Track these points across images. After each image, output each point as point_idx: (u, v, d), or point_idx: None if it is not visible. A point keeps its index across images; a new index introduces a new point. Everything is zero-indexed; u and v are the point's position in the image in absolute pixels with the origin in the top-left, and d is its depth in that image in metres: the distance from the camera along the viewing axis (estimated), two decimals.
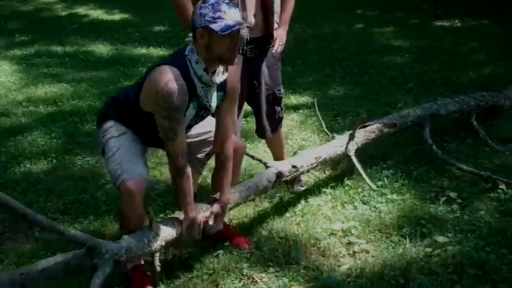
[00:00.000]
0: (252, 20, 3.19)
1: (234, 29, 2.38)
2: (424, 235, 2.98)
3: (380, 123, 3.77)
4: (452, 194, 3.39)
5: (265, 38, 3.32)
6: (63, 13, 10.18)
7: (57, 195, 3.62)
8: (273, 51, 3.36)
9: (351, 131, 3.53)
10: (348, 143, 3.48)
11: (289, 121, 4.67)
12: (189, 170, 2.55)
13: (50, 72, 6.45)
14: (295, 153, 3.58)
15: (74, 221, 3.29)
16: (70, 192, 3.63)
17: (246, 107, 3.59)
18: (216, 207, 2.71)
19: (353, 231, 3.06)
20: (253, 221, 3.23)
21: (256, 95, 3.43)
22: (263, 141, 3.82)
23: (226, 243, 2.97)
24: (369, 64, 6.43)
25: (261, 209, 3.37)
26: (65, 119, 4.95)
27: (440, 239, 2.93)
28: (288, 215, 3.28)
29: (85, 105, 5.27)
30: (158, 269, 2.51)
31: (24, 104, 5.33)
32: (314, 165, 3.35)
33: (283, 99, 3.58)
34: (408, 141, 4.15)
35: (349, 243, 2.96)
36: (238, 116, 3.38)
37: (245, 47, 3.24)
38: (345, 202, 3.37)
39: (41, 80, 6.09)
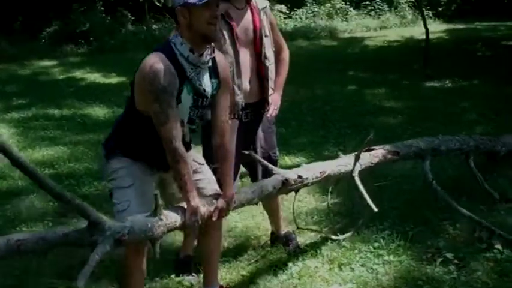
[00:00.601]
0: (247, 86, 3.28)
1: None
2: None
3: (384, 150, 3.80)
4: (449, 255, 3.39)
5: (260, 102, 3.40)
6: (61, 77, 10.36)
7: (52, 260, 3.59)
8: (268, 115, 3.43)
9: (356, 152, 3.51)
10: (354, 164, 3.47)
11: None
12: (185, 154, 2.52)
13: (47, 135, 6.52)
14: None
15: (69, 286, 3.26)
16: (64, 256, 3.61)
17: (242, 169, 3.64)
18: (221, 202, 2.67)
19: None
20: (248, 283, 3.21)
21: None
22: (259, 203, 3.84)
23: None
24: (362, 125, 6.53)
25: (256, 270, 3.36)
26: (61, 181, 4.96)
27: None
28: (284, 277, 3.27)
29: (82, 168, 5.31)
30: (158, 256, 2.45)
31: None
32: (318, 179, 3.32)
33: (278, 161, 3.63)
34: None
35: None
36: (235, 178, 3.41)
37: (240, 112, 3.31)
38: (342, 264, 3.36)
39: (38, 143, 6.15)
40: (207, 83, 2.62)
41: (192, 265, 3.36)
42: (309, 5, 16.95)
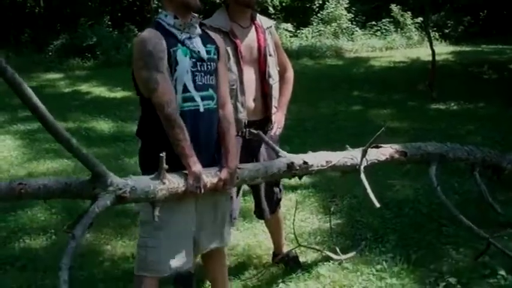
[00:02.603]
0: (251, 104, 3.29)
1: None
2: None
3: (392, 148, 3.74)
4: (452, 280, 3.36)
5: (264, 120, 3.40)
6: (67, 90, 10.41)
7: (55, 272, 3.57)
8: (272, 134, 3.43)
9: (364, 147, 3.46)
10: (362, 158, 3.41)
11: (288, 201, 4.69)
12: (180, 120, 2.47)
13: (52, 147, 6.52)
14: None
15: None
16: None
17: (245, 187, 3.63)
18: (224, 173, 2.61)
19: None
20: None
21: None
22: (261, 221, 3.83)
23: None
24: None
25: None
26: None
27: None
28: None
29: None
30: (156, 219, 2.41)
31: (26, 179, 5.35)
32: (324, 167, 3.26)
33: (281, 180, 3.62)
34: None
35: None
36: (237, 195, 3.41)
37: (244, 130, 3.31)
38: (344, 286, 3.34)
39: (43, 155, 6.16)
40: (201, 47, 2.62)
41: (193, 282, 3.33)
42: (315, 24, 17.05)
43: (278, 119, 3.47)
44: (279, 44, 3.51)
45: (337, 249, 3.72)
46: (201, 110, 2.58)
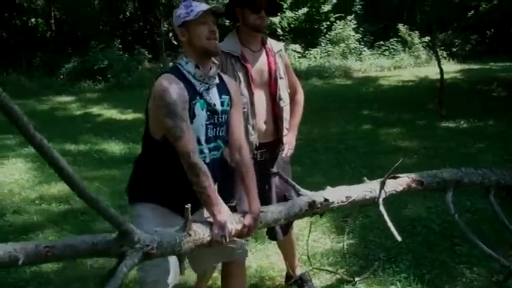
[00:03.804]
0: (262, 126, 3.31)
1: (205, 9, 2.52)
2: None
3: (409, 178, 3.76)
4: None
5: (275, 142, 3.42)
6: (78, 112, 10.49)
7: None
8: (283, 155, 3.45)
9: (381, 179, 3.46)
10: (380, 190, 3.41)
11: (300, 222, 4.67)
12: (205, 167, 2.48)
13: None
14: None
15: None
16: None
17: None
18: (248, 219, 2.60)
19: None
20: None
21: (267, 198, 3.47)
22: (274, 242, 3.82)
23: None
24: (376, 165, 6.51)
25: None
26: (76, 217, 4.99)
27: None
28: None
29: None
30: (184, 272, 2.41)
31: (37, 201, 5.40)
32: (344, 203, 3.26)
33: None
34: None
35: None
36: None
37: (255, 152, 3.32)
38: None
39: (54, 178, 6.17)
40: (216, 98, 2.64)
41: None
42: (323, 44, 17.15)
43: (289, 141, 3.48)
44: (289, 65, 3.54)
45: (351, 272, 3.70)
46: (207, 161, 2.62)
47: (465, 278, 3.65)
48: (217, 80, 2.66)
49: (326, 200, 3.15)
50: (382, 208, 3.38)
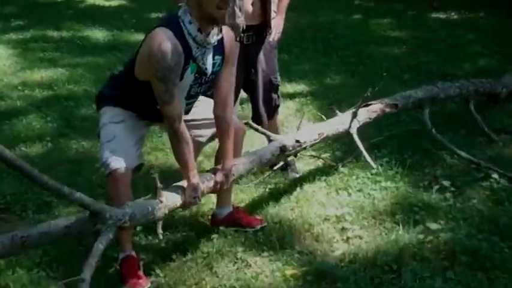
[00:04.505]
0: (249, 8, 3.21)
1: None
2: (417, 222, 3.01)
3: (382, 103, 3.77)
4: (446, 183, 3.41)
5: (262, 25, 3.34)
6: None
7: (52, 178, 3.60)
8: (270, 39, 3.38)
9: (353, 109, 3.50)
10: (351, 121, 3.46)
11: (285, 109, 4.69)
12: (187, 134, 2.52)
13: (46, 57, 6.45)
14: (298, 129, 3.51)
15: (68, 204, 3.28)
16: (65, 175, 3.63)
17: (242, 94, 3.61)
18: (219, 176, 2.68)
19: (347, 217, 3.07)
20: (248, 207, 3.25)
21: (253, 82, 3.45)
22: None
23: (221, 228, 2.98)
24: (365, 54, 6.45)
25: (256, 195, 3.39)
26: (60, 103, 4.95)
27: (433, 226, 2.95)
28: (282, 201, 3.30)
29: (80, 90, 5.28)
30: (161, 237, 2.49)
31: (19, 87, 5.33)
32: (317, 141, 3.32)
33: (279, 86, 3.60)
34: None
35: (343, 229, 2.98)
36: (234, 103, 3.39)
37: (242, 35, 3.25)
38: (339, 189, 3.39)
39: (37, 65, 6.08)
40: (209, 63, 2.58)
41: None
42: None
43: (277, 24, 3.41)
44: None
45: (335, 157, 3.74)
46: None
47: (446, 163, 3.72)
48: (215, 42, 2.54)
49: (297, 141, 3.17)
50: (356, 138, 3.43)
